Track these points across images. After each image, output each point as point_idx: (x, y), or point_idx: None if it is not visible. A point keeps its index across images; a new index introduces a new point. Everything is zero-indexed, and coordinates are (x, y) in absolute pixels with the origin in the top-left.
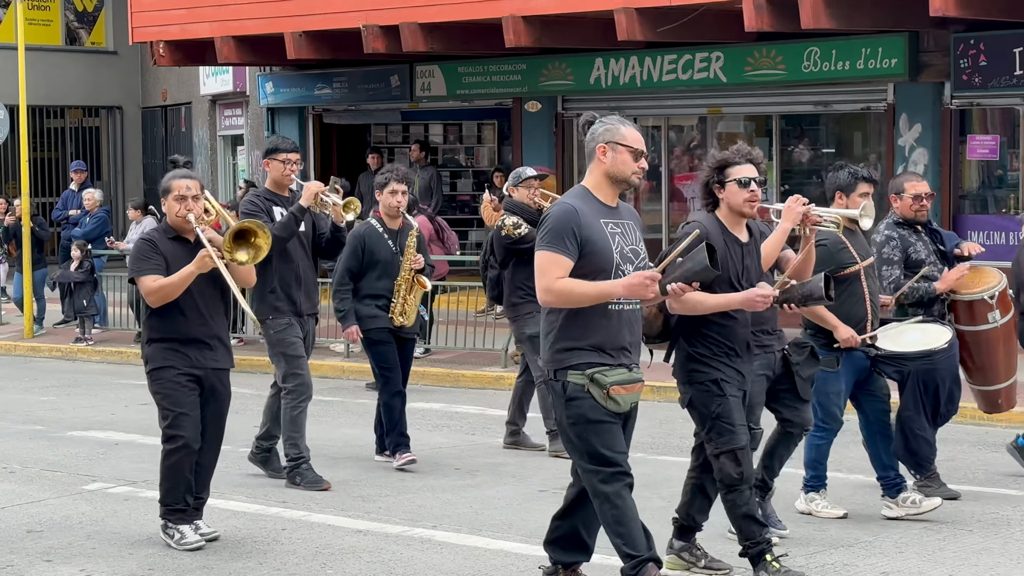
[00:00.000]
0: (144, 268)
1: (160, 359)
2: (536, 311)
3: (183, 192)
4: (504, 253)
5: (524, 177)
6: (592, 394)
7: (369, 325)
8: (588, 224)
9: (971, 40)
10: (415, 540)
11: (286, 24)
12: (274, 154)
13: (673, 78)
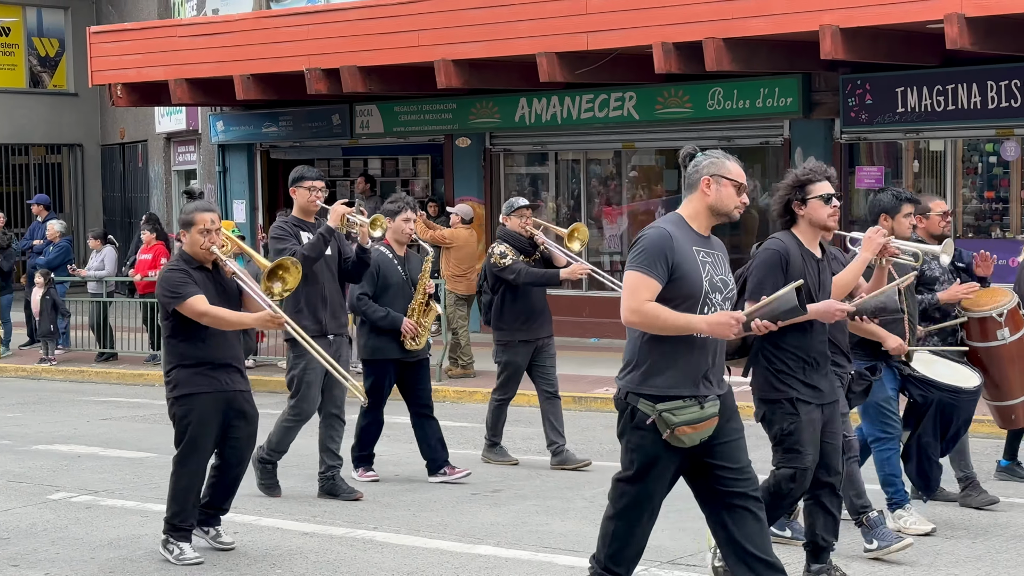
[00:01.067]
0: (187, 291)
1: (190, 385)
2: (520, 340)
3: (207, 225)
4: (494, 279)
5: (516, 207)
6: (657, 429)
7: (376, 355)
8: (681, 250)
9: (858, 81)
10: (357, 541)
11: (235, 68)
12: (300, 182)
13: (590, 116)
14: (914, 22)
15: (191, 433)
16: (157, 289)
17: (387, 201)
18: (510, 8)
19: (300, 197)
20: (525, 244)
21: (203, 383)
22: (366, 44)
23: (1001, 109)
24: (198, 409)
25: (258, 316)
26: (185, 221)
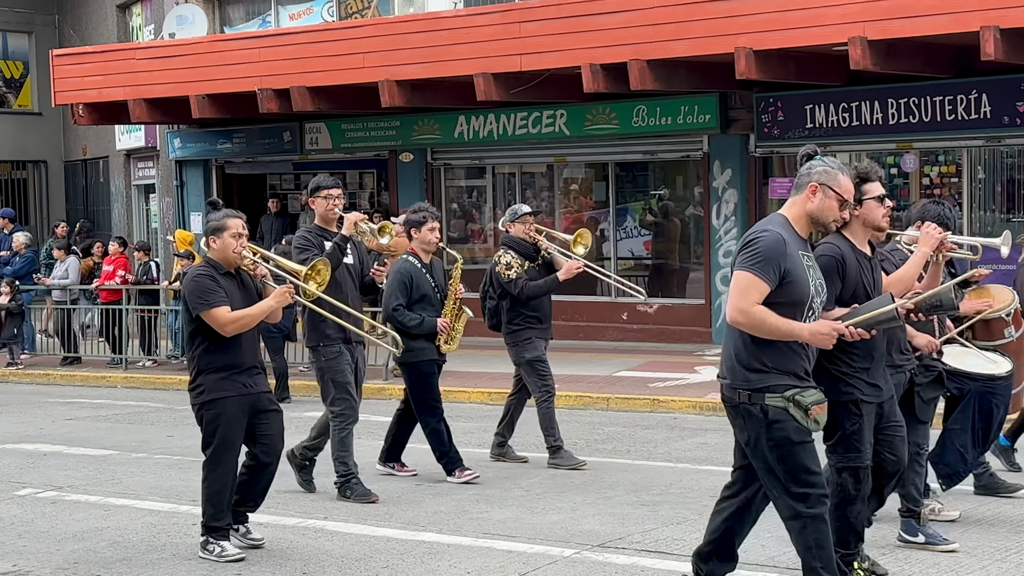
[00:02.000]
0: (214, 300)
1: (218, 390)
2: (532, 337)
3: (239, 230)
4: (500, 286)
5: (520, 214)
6: (794, 416)
7: (420, 357)
8: (791, 255)
9: (770, 99)
10: (309, 530)
11: (191, 88)
12: (317, 192)
13: (524, 132)
14: (821, 45)
15: (221, 436)
16: (185, 292)
17: (410, 211)
18: (449, 32)
19: (319, 207)
20: (529, 250)
21: (229, 388)
22: (314, 66)
23: (901, 124)
24: (227, 413)
25: (273, 295)
26: (216, 227)
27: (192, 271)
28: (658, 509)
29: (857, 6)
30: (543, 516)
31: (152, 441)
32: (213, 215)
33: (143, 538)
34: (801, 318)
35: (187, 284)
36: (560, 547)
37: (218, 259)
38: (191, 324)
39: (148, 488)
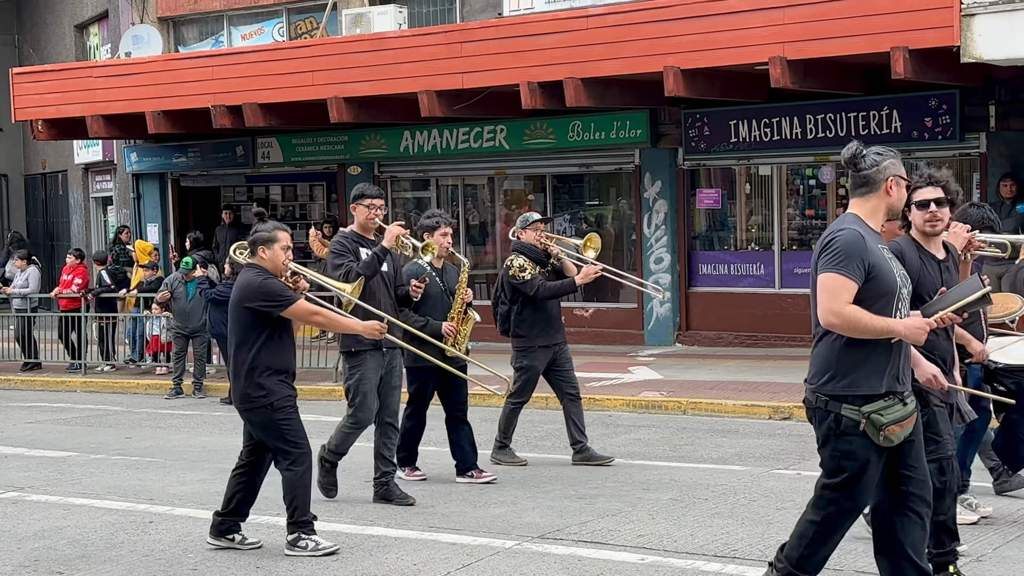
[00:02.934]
0: (291, 296)
1: (281, 391)
2: (539, 345)
3: (288, 243)
4: (511, 290)
5: (531, 221)
6: (866, 432)
7: (419, 363)
8: (872, 250)
9: (697, 115)
10: (263, 526)
11: (146, 104)
12: (360, 200)
13: (467, 146)
14: (743, 64)
15: (290, 432)
16: (255, 297)
17: (423, 216)
18: (394, 52)
19: (360, 214)
20: (540, 255)
21: (288, 390)
22: (266, 84)
23: (819, 139)
24: (292, 412)
25: (367, 324)
26: (267, 239)
27: (254, 278)
28: (594, 502)
29: (777, 28)
30: (486, 510)
31: (110, 443)
32: (261, 226)
33: (102, 536)
34: (891, 311)
35: (256, 290)
36: (502, 539)
37: (268, 268)
38: (250, 326)
39: (107, 488)
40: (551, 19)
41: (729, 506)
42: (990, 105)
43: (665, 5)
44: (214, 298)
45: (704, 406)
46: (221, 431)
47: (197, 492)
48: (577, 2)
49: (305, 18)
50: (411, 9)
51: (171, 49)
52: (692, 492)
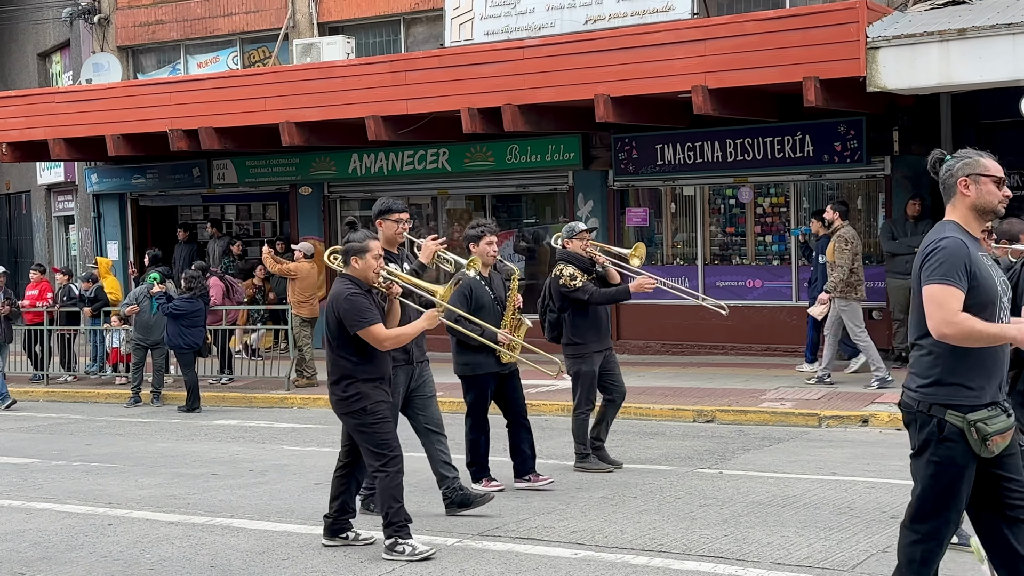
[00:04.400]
0: (371, 318)
1: (374, 397)
2: (594, 351)
3: (379, 251)
4: (562, 299)
5: (578, 231)
6: (968, 440)
7: (477, 371)
8: (974, 257)
9: (626, 139)
10: (217, 527)
11: (106, 128)
12: (387, 215)
13: (411, 168)
14: (668, 92)
15: (382, 438)
16: (340, 309)
17: (468, 227)
18: (343, 79)
19: (387, 229)
20: (586, 263)
21: (381, 395)
22: (221, 109)
23: (738, 161)
24: (385, 414)
25: (425, 317)
26: (358, 248)
27: (343, 289)
28: (531, 501)
29: (698, 60)
30: (430, 509)
31: (71, 450)
32: (353, 236)
33: (62, 538)
34: (994, 319)
35: (341, 302)
36: (444, 536)
37: (359, 277)
38: (340, 336)
39: (67, 492)
40: (490, 50)
41: (656, 503)
42: (894, 131)
43: (595, 37)
44: (171, 312)
45: (633, 410)
46: (178, 438)
47: (154, 496)
48: (514, 34)
49: (258, 47)
50: (358, 39)
51: (130, 76)
52: (622, 491)
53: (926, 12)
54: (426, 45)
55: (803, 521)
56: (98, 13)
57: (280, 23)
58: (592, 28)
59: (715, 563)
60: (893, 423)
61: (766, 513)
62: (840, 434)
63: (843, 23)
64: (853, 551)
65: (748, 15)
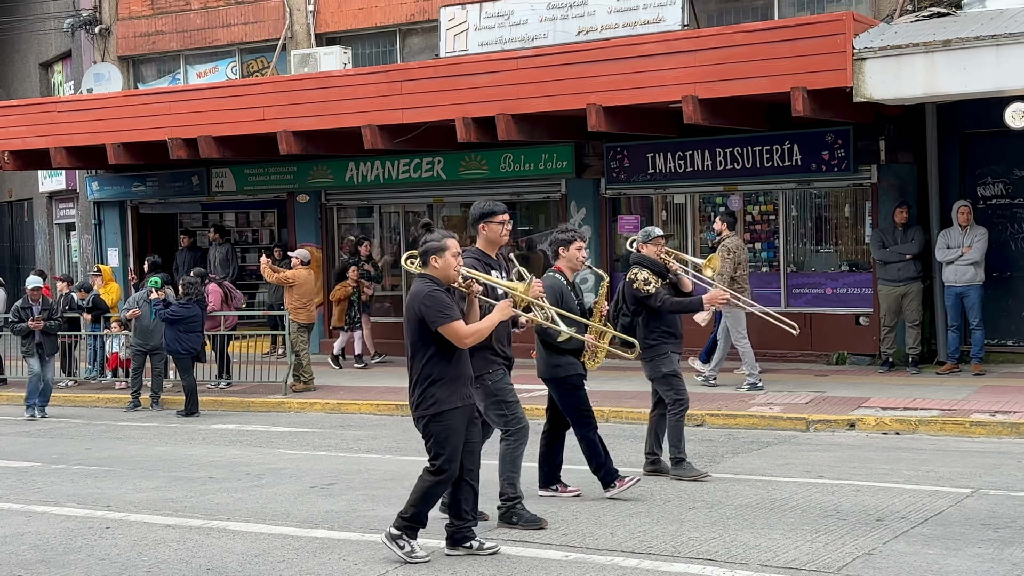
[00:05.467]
0: (452, 314)
1: (449, 401)
2: (669, 351)
3: (458, 249)
4: (636, 303)
5: (653, 236)
6: None
7: (569, 372)
8: None
9: (618, 148)
10: (213, 530)
11: (107, 137)
12: (492, 217)
13: (407, 176)
14: (659, 102)
15: (452, 447)
16: (420, 307)
17: (556, 231)
18: (339, 89)
19: (492, 231)
20: (661, 269)
21: (456, 399)
22: (219, 118)
23: (728, 170)
24: (456, 425)
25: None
26: (438, 247)
27: (423, 287)
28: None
29: (688, 70)
30: None
31: (71, 453)
32: (430, 237)
33: (61, 541)
34: None
35: (422, 300)
36: (436, 539)
37: (439, 276)
38: (420, 336)
39: (67, 496)
40: (484, 60)
41: (646, 506)
42: (880, 140)
43: (587, 48)
44: (168, 318)
45: (625, 414)
46: (176, 442)
47: (152, 499)
48: (508, 45)
49: (256, 58)
50: (355, 50)
51: (130, 86)
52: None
53: (912, 24)
54: (421, 55)
55: (790, 524)
56: (99, 24)
57: (278, 34)
58: (584, 39)
59: (703, 565)
60: (879, 427)
61: (754, 516)
62: (828, 438)
63: (830, 34)
64: (839, 553)
65: (737, 26)
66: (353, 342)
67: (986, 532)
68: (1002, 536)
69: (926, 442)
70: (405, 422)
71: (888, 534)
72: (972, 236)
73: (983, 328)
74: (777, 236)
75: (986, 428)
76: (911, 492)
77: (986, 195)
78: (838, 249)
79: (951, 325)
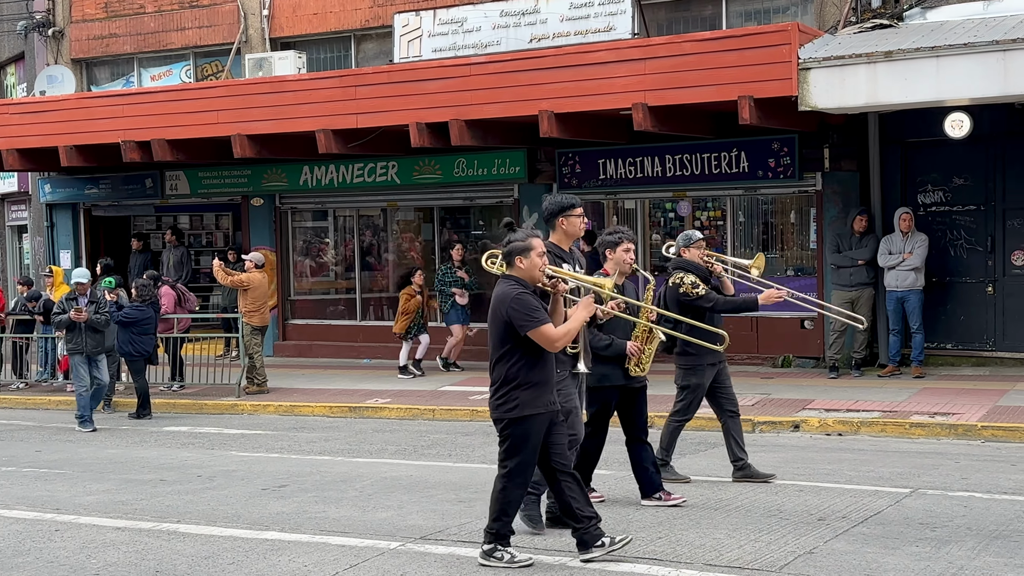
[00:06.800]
0: (542, 318)
1: (531, 406)
2: (707, 364)
3: (543, 248)
4: (679, 308)
5: (695, 239)
6: None
7: (603, 383)
8: None
9: (570, 154)
10: (163, 533)
11: (60, 140)
12: (570, 211)
13: (361, 180)
14: (610, 109)
15: (529, 450)
16: (507, 311)
17: (605, 232)
18: (294, 94)
19: (571, 225)
20: (704, 272)
21: (539, 404)
22: (173, 121)
23: (676, 176)
24: (535, 430)
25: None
26: (524, 247)
27: (509, 290)
28: (473, 505)
29: (638, 78)
30: (373, 514)
31: (21, 456)
32: (515, 236)
33: (9, 544)
34: None
35: (510, 303)
36: (387, 540)
37: (524, 277)
38: (506, 340)
39: (16, 498)
40: (437, 66)
41: (596, 506)
42: (824, 148)
43: (540, 56)
44: (121, 320)
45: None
46: (128, 444)
47: (102, 502)
48: (461, 52)
49: (211, 61)
50: (310, 55)
51: (84, 88)
52: None
53: (855, 35)
54: (376, 61)
55: (735, 524)
56: (52, 26)
57: (233, 38)
58: (536, 47)
59: (649, 564)
60: (823, 428)
61: (700, 516)
62: (772, 439)
63: (776, 44)
64: (781, 552)
65: (686, 36)
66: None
67: (924, 531)
68: (939, 535)
69: (868, 443)
70: (358, 424)
71: (829, 533)
72: (913, 242)
73: (923, 332)
74: (725, 242)
75: (925, 429)
76: (852, 492)
77: (926, 202)
78: (784, 254)
79: (892, 329)
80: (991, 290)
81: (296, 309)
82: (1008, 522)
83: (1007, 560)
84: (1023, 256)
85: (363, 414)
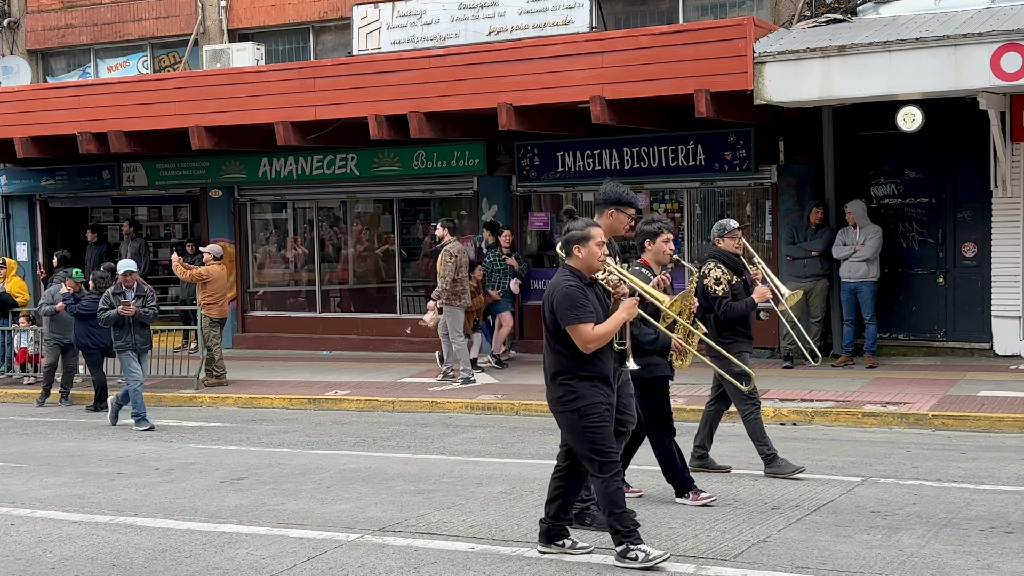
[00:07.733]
0: (583, 316)
1: (591, 396)
2: (742, 350)
3: (602, 238)
4: (707, 299)
5: (730, 229)
6: None
7: (654, 372)
8: None
9: (528, 147)
10: (120, 526)
11: (15, 131)
12: (627, 207)
13: (320, 172)
14: (568, 102)
15: (599, 442)
16: (555, 300)
17: (642, 223)
18: (252, 85)
19: (619, 220)
20: (738, 264)
21: (600, 395)
22: (130, 112)
23: (635, 169)
24: (600, 419)
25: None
26: (582, 236)
27: (560, 281)
28: (432, 496)
29: (596, 71)
30: (332, 506)
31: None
32: (573, 225)
33: None
34: None
35: (557, 294)
36: (345, 533)
37: (582, 268)
38: (558, 329)
39: None
40: (396, 59)
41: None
42: (779, 141)
43: (498, 48)
44: (78, 312)
45: (535, 407)
46: (85, 437)
47: (59, 495)
48: (420, 44)
49: (168, 52)
50: (268, 46)
51: (40, 79)
52: (520, 485)
53: (809, 29)
54: (334, 53)
55: (690, 513)
56: (8, 17)
57: (190, 29)
58: (495, 39)
59: (606, 555)
60: (777, 418)
61: (655, 507)
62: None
63: (732, 39)
64: (736, 541)
65: (643, 29)
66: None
67: (875, 519)
68: (890, 523)
69: (821, 432)
70: (317, 416)
71: (783, 522)
72: (866, 234)
73: (876, 322)
74: (682, 234)
75: (877, 419)
76: (806, 481)
77: (879, 195)
78: None
79: (846, 319)
80: (942, 281)
81: (255, 301)
82: (957, 510)
83: (956, 547)
84: (973, 248)
85: (322, 406)
